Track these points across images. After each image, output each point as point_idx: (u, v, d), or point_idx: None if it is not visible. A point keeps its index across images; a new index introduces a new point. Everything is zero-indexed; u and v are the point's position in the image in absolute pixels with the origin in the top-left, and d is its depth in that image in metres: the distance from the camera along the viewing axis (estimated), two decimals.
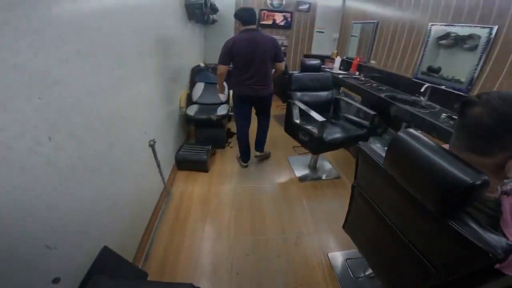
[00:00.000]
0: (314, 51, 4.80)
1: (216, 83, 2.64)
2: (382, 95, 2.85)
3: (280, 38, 4.56)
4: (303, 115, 2.51)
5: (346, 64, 4.28)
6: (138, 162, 1.67)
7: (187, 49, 3.13)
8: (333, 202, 2.42)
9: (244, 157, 2.80)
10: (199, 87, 3.22)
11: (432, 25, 2.73)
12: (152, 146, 1.88)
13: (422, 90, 2.63)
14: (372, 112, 2.54)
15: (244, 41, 2.21)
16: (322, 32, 4.66)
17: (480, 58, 2.26)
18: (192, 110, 2.88)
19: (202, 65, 3.59)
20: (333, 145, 2.45)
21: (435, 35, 2.71)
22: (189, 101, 3.13)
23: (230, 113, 3.01)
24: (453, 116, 2.26)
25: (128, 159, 1.50)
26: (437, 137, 2.14)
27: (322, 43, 4.73)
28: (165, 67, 2.28)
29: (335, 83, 4.11)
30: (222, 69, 2.31)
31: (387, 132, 3.15)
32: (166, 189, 2.26)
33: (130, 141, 1.54)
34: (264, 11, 4.33)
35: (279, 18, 4.40)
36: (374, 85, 3.31)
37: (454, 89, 2.51)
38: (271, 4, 4.31)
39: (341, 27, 4.64)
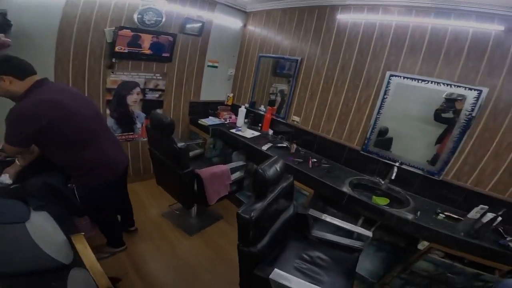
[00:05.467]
0: (204, 96, 3.35)
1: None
2: (348, 189, 2.00)
3: (152, 77, 2.81)
4: None
5: (252, 118, 3.16)
6: None
7: None
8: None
9: (121, 239, 2.11)
10: None
11: (392, 75, 2.11)
12: None
13: (393, 176, 2.03)
14: (369, 234, 1.68)
15: (68, 94, 1.47)
16: (216, 67, 3.30)
17: (463, 131, 1.83)
18: None
19: None
20: None
21: (397, 91, 2.10)
22: None
23: None
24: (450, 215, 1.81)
25: None
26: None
27: (213, 83, 3.38)
28: None
29: (248, 154, 2.96)
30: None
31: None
32: None
33: None
34: (125, 31, 2.36)
35: (148, 42, 2.58)
36: (313, 160, 2.40)
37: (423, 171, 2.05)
38: (141, 21, 2.43)
39: (239, 61, 3.48)
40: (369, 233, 1.67)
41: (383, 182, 2.15)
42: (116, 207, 2.00)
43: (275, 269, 1.24)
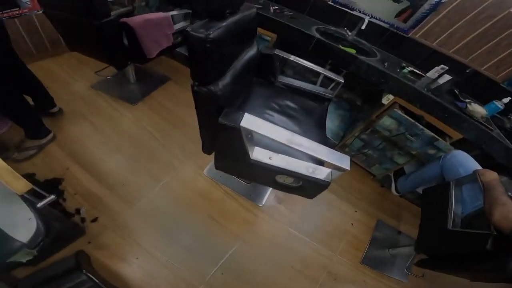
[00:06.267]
0: None
1: None
2: (315, 34, 1.77)
3: None
4: None
5: None
6: None
7: None
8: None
9: (42, 126, 1.60)
10: None
11: None
12: None
13: (363, 26, 1.85)
14: (341, 80, 1.54)
15: None
16: None
17: None
18: None
19: None
20: None
21: None
22: None
23: None
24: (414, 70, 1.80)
25: None
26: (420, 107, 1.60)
27: None
28: None
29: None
30: None
31: None
32: None
33: None
34: None
35: None
36: (275, 7, 2.03)
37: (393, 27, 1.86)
38: None
39: None
40: (340, 79, 1.52)
41: (350, 34, 1.98)
42: (9, 87, 1.41)
43: (246, 114, 0.90)
